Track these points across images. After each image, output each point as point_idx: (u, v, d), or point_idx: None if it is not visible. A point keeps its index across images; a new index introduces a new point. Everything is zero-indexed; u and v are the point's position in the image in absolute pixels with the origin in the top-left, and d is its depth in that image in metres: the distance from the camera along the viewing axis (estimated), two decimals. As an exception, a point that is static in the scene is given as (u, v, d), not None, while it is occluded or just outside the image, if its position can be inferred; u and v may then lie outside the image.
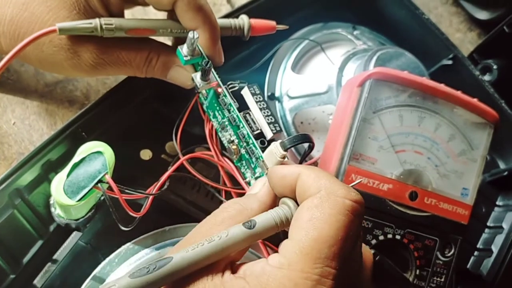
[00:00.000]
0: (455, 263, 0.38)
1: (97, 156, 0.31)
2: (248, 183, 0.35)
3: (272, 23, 0.43)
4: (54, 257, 0.37)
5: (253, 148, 0.33)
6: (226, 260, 0.25)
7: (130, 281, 0.21)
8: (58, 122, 0.43)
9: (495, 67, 0.53)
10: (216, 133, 0.37)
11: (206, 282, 0.24)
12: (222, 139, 0.37)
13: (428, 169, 0.38)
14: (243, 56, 0.50)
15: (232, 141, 0.35)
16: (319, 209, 0.24)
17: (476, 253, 0.48)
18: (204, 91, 0.37)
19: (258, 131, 0.33)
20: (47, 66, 0.36)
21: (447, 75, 0.52)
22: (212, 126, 0.37)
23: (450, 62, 0.53)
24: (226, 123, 0.35)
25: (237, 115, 0.33)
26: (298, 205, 0.26)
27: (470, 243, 0.49)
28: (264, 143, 0.33)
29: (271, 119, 0.34)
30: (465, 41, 0.65)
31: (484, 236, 0.49)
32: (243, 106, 0.34)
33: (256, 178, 0.34)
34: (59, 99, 0.44)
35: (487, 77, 0.54)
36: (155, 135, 0.42)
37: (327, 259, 0.23)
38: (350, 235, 0.24)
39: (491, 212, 0.51)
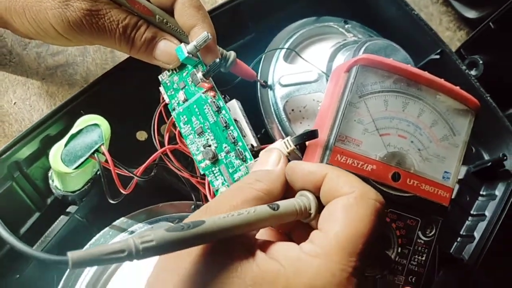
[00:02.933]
0: (435, 243, 0.40)
1: (94, 128, 0.32)
2: (216, 191, 0.37)
3: (253, 72, 0.44)
4: (50, 229, 0.38)
5: (242, 149, 0.35)
6: (254, 238, 0.27)
7: (166, 234, 0.21)
8: (58, 103, 0.44)
9: (481, 62, 0.55)
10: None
11: (240, 259, 0.25)
12: (192, 146, 0.37)
13: (411, 152, 0.39)
14: (237, 46, 0.52)
15: (209, 146, 0.37)
16: (354, 207, 0.26)
17: (459, 239, 0.50)
18: (181, 97, 0.37)
19: (245, 137, 0.36)
20: (29, 17, 0.35)
21: (434, 70, 0.53)
22: (180, 132, 0.38)
23: (437, 56, 0.55)
24: (207, 127, 0.37)
25: (229, 118, 0.35)
26: (317, 199, 0.29)
27: (454, 230, 0.51)
28: (253, 148, 0.35)
29: (253, 132, 0.37)
30: (454, 39, 0.67)
31: (467, 223, 0.51)
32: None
33: (230, 185, 0.36)
34: (59, 82, 0.45)
35: (473, 72, 0.56)
36: (152, 117, 0.44)
37: (360, 255, 0.25)
38: (376, 235, 0.26)
39: (475, 201, 0.53)
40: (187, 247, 0.24)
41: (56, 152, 0.32)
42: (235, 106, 0.36)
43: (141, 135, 0.44)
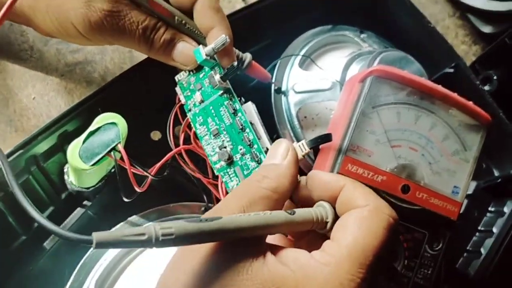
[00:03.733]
0: (442, 257, 0.40)
1: (111, 127, 0.33)
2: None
3: (268, 74, 0.44)
4: (64, 223, 0.39)
5: (257, 152, 0.36)
6: (264, 241, 0.27)
7: (185, 223, 0.22)
8: (76, 100, 0.45)
9: (495, 77, 0.55)
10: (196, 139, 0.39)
11: (251, 261, 0.25)
12: (207, 146, 0.38)
13: (422, 165, 0.40)
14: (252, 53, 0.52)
15: (225, 147, 0.37)
16: (368, 220, 0.27)
17: (465, 254, 0.50)
18: (198, 98, 0.38)
19: (260, 139, 0.36)
20: (52, 16, 0.35)
21: (448, 83, 0.54)
22: (194, 133, 0.39)
23: (451, 70, 0.55)
24: (223, 129, 0.37)
25: (244, 120, 0.35)
26: (334, 210, 0.29)
27: (461, 245, 0.51)
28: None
29: (274, 137, 0.37)
30: (470, 53, 0.67)
31: (474, 239, 0.51)
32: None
33: None
34: (77, 79, 0.46)
35: (487, 87, 0.56)
36: (167, 117, 0.44)
37: (370, 267, 0.26)
38: (387, 249, 0.27)
39: (483, 217, 0.53)
40: (203, 241, 0.24)
41: (74, 148, 0.32)
42: (250, 109, 0.37)
43: (155, 135, 0.45)
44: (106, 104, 0.40)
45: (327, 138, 0.33)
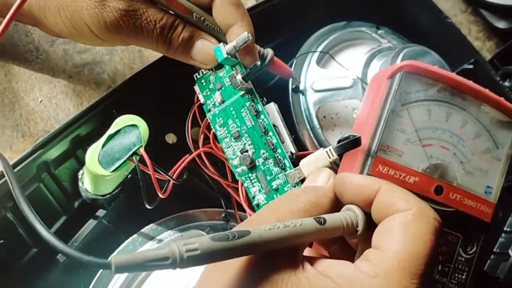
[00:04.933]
0: (476, 262, 0.38)
1: (132, 129, 0.31)
2: (252, 198, 0.35)
3: (290, 70, 0.43)
4: (78, 233, 0.37)
5: (281, 157, 0.34)
6: (301, 252, 0.26)
7: (211, 243, 0.21)
8: (85, 102, 0.43)
9: (515, 73, 0.54)
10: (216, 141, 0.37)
11: (289, 273, 0.24)
12: (227, 149, 0.36)
13: (454, 164, 0.38)
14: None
15: (246, 151, 0.35)
16: (414, 226, 0.25)
17: (492, 256, 0.48)
18: (218, 98, 0.36)
19: (284, 143, 0.34)
20: (64, 17, 0.34)
21: (467, 79, 0.53)
22: (214, 134, 0.37)
23: (471, 66, 0.53)
24: (244, 131, 0.35)
25: (267, 123, 0.33)
26: (365, 214, 0.28)
27: (487, 247, 0.49)
28: (293, 155, 0.34)
29: (292, 138, 0.35)
30: (484, 49, 0.65)
31: (501, 240, 0.49)
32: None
33: (267, 193, 0.34)
34: (86, 81, 0.44)
35: (507, 83, 0.54)
36: (182, 120, 0.42)
37: (422, 276, 0.24)
38: (436, 255, 0.25)
39: (508, 217, 0.51)
40: (232, 257, 0.22)
41: (92, 153, 0.30)
42: (273, 110, 0.35)
43: (170, 138, 0.43)
44: (119, 107, 0.38)
45: (356, 143, 0.31)
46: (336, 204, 0.29)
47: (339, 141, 0.36)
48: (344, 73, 0.46)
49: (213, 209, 0.39)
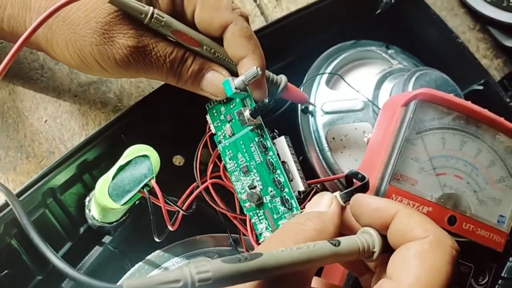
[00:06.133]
0: (488, 292, 0.38)
1: (143, 160, 0.30)
2: (259, 235, 0.34)
3: (305, 95, 0.42)
4: (83, 260, 0.36)
5: (288, 197, 0.33)
6: (309, 283, 0.25)
7: (222, 265, 0.20)
8: (90, 122, 0.42)
9: (525, 95, 0.53)
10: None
11: None
12: (237, 183, 0.35)
13: (467, 194, 0.37)
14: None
15: (254, 187, 0.34)
16: (429, 255, 0.24)
17: (500, 281, 0.47)
18: (228, 131, 0.35)
19: (292, 181, 0.33)
20: (72, 51, 0.33)
21: (477, 101, 0.52)
22: (224, 166, 0.36)
23: (480, 87, 0.53)
24: (253, 166, 0.34)
25: (276, 161, 0.32)
26: (381, 237, 0.27)
27: (495, 272, 0.48)
28: (301, 195, 0.33)
29: (302, 173, 0.34)
30: (492, 67, 0.65)
31: (509, 265, 0.49)
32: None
33: (273, 231, 0.33)
34: (91, 100, 0.43)
35: (517, 105, 0.54)
36: (189, 142, 0.41)
37: None
38: (452, 283, 0.24)
39: (516, 240, 0.50)
40: (244, 281, 0.22)
41: (102, 185, 0.29)
42: (283, 145, 0.34)
43: (177, 160, 0.42)
44: (127, 130, 0.37)
45: (364, 188, 0.30)
46: (340, 230, 0.28)
47: (346, 177, 0.35)
48: (355, 95, 0.45)
49: (221, 234, 0.38)
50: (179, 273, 0.19)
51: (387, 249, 0.27)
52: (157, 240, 0.31)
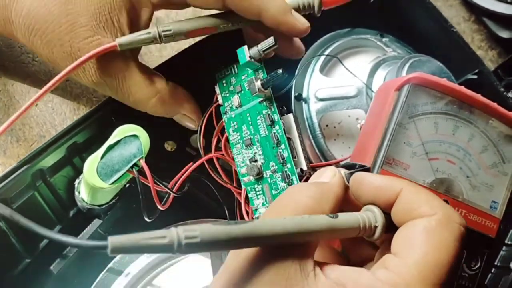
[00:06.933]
0: (480, 278, 0.38)
1: (132, 140, 0.30)
2: (255, 211, 0.34)
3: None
4: (72, 243, 0.35)
5: (290, 172, 0.33)
6: (311, 256, 0.24)
7: (211, 226, 0.20)
8: (81, 107, 0.42)
9: (520, 84, 0.53)
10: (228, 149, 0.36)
11: (301, 283, 0.22)
12: (237, 156, 0.35)
13: (460, 179, 0.37)
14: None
15: (256, 161, 0.34)
16: (438, 233, 0.24)
17: (493, 270, 0.47)
18: (235, 102, 0.35)
19: (295, 159, 0.33)
20: (54, 66, 0.34)
21: (471, 90, 0.52)
22: (226, 138, 0.36)
23: (475, 77, 0.53)
24: (257, 140, 0.34)
25: (281, 135, 0.32)
26: (384, 215, 0.26)
27: (488, 260, 0.48)
28: (303, 172, 0.33)
29: (306, 154, 0.34)
30: (486, 58, 0.65)
31: (502, 253, 0.49)
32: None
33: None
34: (83, 85, 0.43)
35: (511, 94, 0.54)
36: (181, 127, 0.41)
37: (443, 285, 0.23)
38: (459, 261, 0.24)
39: (510, 229, 0.50)
40: (234, 246, 0.22)
41: (91, 164, 0.29)
42: (290, 122, 0.34)
43: (169, 145, 0.42)
44: (118, 113, 0.37)
45: (367, 171, 0.30)
46: (343, 203, 0.28)
47: (346, 167, 0.34)
48: (349, 82, 0.45)
49: (215, 219, 0.38)
50: (166, 232, 0.19)
51: (390, 229, 0.26)
52: (147, 219, 0.31)
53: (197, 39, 0.36)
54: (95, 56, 0.31)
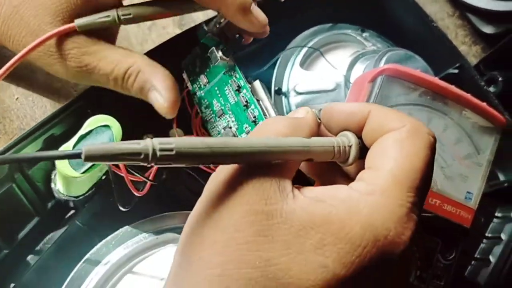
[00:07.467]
0: (455, 267, 0.38)
1: (104, 130, 0.30)
2: None
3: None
4: (50, 235, 0.36)
5: None
6: (289, 181, 0.24)
7: (188, 138, 0.21)
8: (62, 100, 0.42)
9: (500, 79, 0.54)
10: (202, 127, 0.37)
11: (281, 204, 0.22)
12: (212, 130, 0.36)
13: (434, 169, 0.37)
14: (249, 52, 0.50)
15: (230, 128, 0.35)
16: (409, 142, 0.24)
17: (473, 262, 0.48)
18: (203, 80, 0.36)
19: (267, 117, 0.33)
20: (36, 65, 0.36)
21: (452, 84, 0.52)
22: (201, 119, 0.37)
23: (456, 71, 0.53)
24: (228, 108, 0.35)
25: (250, 97, 0.33)
26: (359, 139, 0.26)
27: (467, 252, 0.49)
28: None
29: (278, 113, 0.34)
30: (470, 54, 0.65)
31: (481, 246, 0.49)
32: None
33: None
34: (64, 79, 0.43)
35: (492, 89, 0.54)
36: (159, 120, 0.41)
37: (418, 189, 0.23)
38: (431, 169, 0.25)
39: (490, 223, 0.51)
40: (210, 161, 0.21)
41: (62, 154, 0.29)
42: (258, 86, 0.34)
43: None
44: (96, 106, 0.37)
45: None
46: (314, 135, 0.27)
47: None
48: (327, 76, 0.45)
49: (189, 211, 0.39)
50: (141, 141, 0.19)
51: (363, 154, 0.26)
52: (122, 209, 0.31)
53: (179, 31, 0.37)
54: (55, 36, 0.32)
